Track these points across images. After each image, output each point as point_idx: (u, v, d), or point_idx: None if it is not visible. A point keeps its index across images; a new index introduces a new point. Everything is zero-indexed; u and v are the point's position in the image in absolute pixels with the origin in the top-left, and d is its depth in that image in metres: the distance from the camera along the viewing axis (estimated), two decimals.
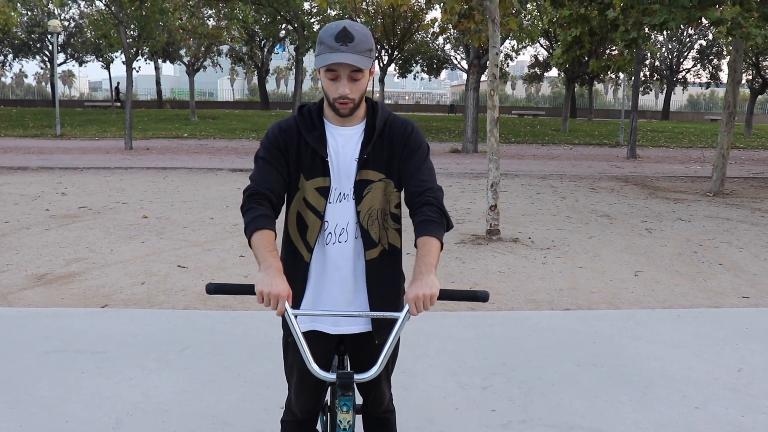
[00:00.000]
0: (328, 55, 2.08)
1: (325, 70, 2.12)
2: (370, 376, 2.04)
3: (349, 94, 2.13)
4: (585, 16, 12.80)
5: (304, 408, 2.46)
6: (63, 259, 6.84)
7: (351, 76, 2.12)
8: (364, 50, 2.10)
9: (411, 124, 2.31)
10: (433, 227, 2.12)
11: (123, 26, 19.80)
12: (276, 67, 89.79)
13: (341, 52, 2.07)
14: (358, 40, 2.09)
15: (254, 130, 29.37)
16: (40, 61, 50.50)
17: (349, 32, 2.08)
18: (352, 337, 2.39)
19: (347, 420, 2.12)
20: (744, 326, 5.12)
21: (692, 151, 25.29)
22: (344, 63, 2.07)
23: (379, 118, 2.27)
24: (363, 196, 2.25)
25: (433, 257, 2.06)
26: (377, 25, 37.25)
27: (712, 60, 47.41)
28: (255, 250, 2.06)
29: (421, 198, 2.19)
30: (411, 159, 2.26)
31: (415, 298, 1.96)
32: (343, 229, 2.27)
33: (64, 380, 3.92)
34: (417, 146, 2.28)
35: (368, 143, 2.24)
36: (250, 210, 2.14)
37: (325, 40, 2.09)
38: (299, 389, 2.43)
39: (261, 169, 2.23)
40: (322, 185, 2.25)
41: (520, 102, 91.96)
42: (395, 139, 2.27)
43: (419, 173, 2.24)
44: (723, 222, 9.77)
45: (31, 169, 14.65)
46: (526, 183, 14.18)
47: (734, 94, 12.72)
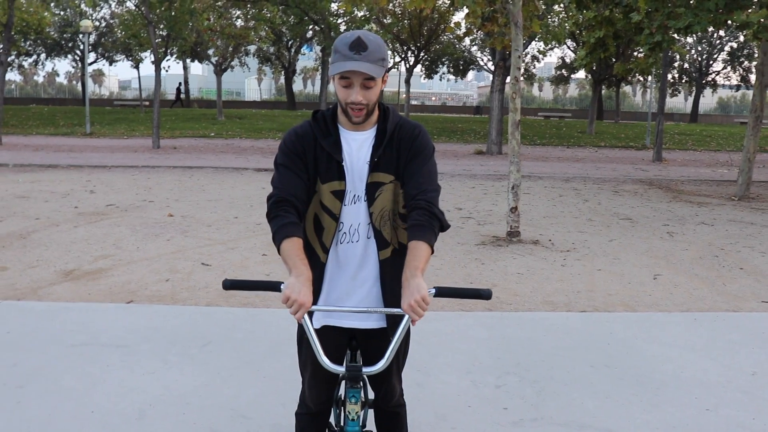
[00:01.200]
0: (342, 63, 2.17)
1: (339, 78, 2.21)
2: (377, 370, 2.14)
3: (362, 101, 2.22)
4: (609, 19, 12.77)
5: (317, 401, 2.55)
6: (90, 256, 7.03)
7: (364, 83, 2.20)
8: (377, 59, 2.19)
9: (419, 127, 2.39)
10: (420, 231, 2.20)
11: (152, 26, 20.12)
12: (303, 67, 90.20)
13: (355, 60, 2.15)
14: (372, 50, 2.17)
15: (280, 130, 29.60)
16: (72, 60, 51.36)
17: (363, 42, 2.16)
18: (363, 333, 2.48)
19: (355, 411, 2.22)
20: (761, 330, 5.12)
21: (720, 155, 25.01)
22: (357, 71, 2.16)
23: (390, 122, 2.35)
24: (375, 197, 2.34)
25: (419, 261, 2.14)
26: (404, 27, 37.34)
27: (743, 62, 46.78)
28: (286, 257, 2.16)
29: (414, 202, 2.27)
30: (413, 162, 2.33)
31: (408, 307, 2.06)
32: (356, 230, 2.37)
33: (90, 372, 4.06)
34: (421, 149, 2.35)
35: (379, 147, 2.33)
36: (277, 217, 2.24)
37: (340, 49, 2.18)
38: (312, 383, 2.53)
39: (283, 175, 2.32)
40: (337, 188, 2.34)
41: (547, 103, 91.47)
42: (403, 141, 2.35)
43: (417, 176, 2.31)
44: (747, 226, 9.71)
45: (61, 167, 14.96)
46: (549, 185, 14.17)
47: (761, 97, 12.60)
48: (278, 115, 41.33)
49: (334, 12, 26.28)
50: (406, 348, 2.61)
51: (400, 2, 35.02)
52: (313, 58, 46.35)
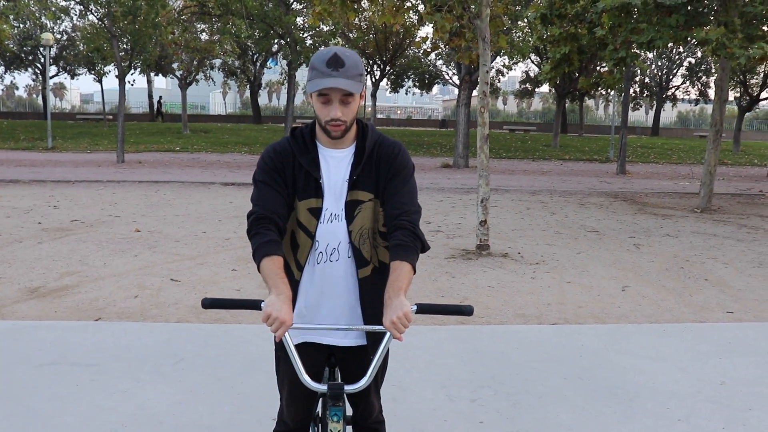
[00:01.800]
0: (320, 80, 2.16)
1: (317, 95, 2.20)
2: (359, 387, 2.14)
3: (341, 117, 2.21)
4: (574, 35, 12.99)
5: (295, 418, 2.53)
6: (56, 273, 6.89)
7: (342, 99, 2.20)
8: (354, 75, 2.18)
9: (399, 145, 2.39)
10: (404, 252, 2.20)
11: (116, 40, 19.89)
12: (268, 81, 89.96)
13: (332, 77, 2.15)
14: (349, 66, 2.17)
15: (246, 143, 29.45)
16: (32, 74, 50.46)
17: (340, 58, 2.16)
18: (342, 350, 2.47)
19: (337, 429, 2.21)
20: (727, 341, 5.22)
21: (681, 168, 25.54)
22: (336, 87, 2.16)
23: (369, 140, 2.35)
24: (354, 216, 2.33)
25: (402, 281, 2.14)
26: (370, 41, 37.51)
27: (701, 77, 47.90)
28: (266, 275, 2.14)
29: (396, 221, 2.27)
30: (393, 180, 2.33)
31: (390, 324, 2.06)
32: (334, 248, 2.34)
33: (59, 392, 3.97)
34: (401, 168, 2.35)
35: (358, 165, 2.32)
36: (257, 235, 2.21)
37: (317, 66, 2.17)
38: (290, 400, 2.51)
39: (263, 192, 2.29)
40: (314, 206, 2.32)
41: (512, 117, 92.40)
42: (383, 160, 2.35)
43: (399, 195, 2.31)
44: (710, 238, 9.91)
45: (23, 182, 14.67)
46: (516, 198, 14.31)
47: (721, 112, 12.91)
48: (244, 128, 41.13)
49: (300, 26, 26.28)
50: (384, 365, 2.61)
51: (366, 17, 35.21)
52: (278, 72, 46.19)
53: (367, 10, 32.60)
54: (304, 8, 27.75)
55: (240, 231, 9.41)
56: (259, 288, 6.48)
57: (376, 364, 2.14)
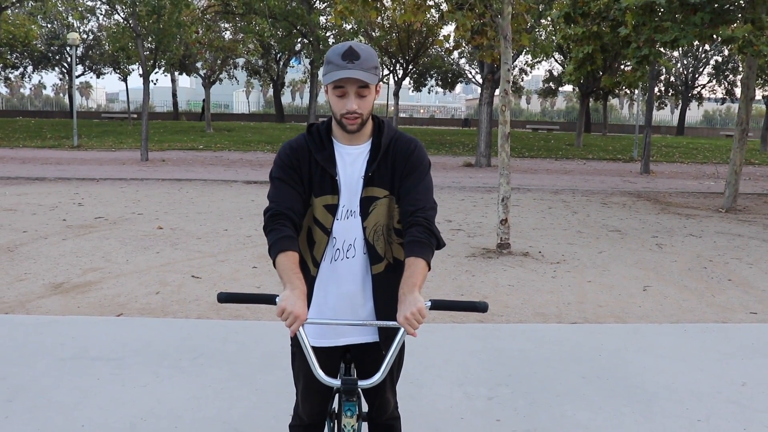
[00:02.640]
0: (335, 72, 2.17)
1: (333, 87, 2.20)
2: (373, 383, 2.14)
3: (357, 110, 2.22)
4: (597, 33, 12.88)
5: (311, 413, 2.55)
6: (79, 269, 6.98)
7: (358, 92, 2.20)
8: (369, 67, 2.18)
9: (415, 142, 2.39)
10: (420, 248, 2.19)
11: (140, 39, 20.10)
12: (291, 80, 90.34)
13: (348, 69, 2.15)
14: (364, 58, 2.17)
15: (269, 142, 29.60)
16: (59, 73, 51.21)
17: (355, 51, 2.17)
18: (357, 347, 2.48)
19: (351, 425, 2.22)
20: (750, 341, 5.16)
21: (706, 167, 25.21)
22: (351, 78, 2.16)
23: (384, 136, 2.35)
24: (369, 212, 2.34)
25: (417, 278, 2.14)
26: (392, 39, 37.50)
27: (728, 76, 47.29)
28: (281, 271, 2.15)
29: (412, 218, 2.26)
30: (409, 177, 2.32)
31: (404, 320, 2.05)
32: (350, 245, 2.35)
33: (80, 386, 4.03)
34: (417, 164, 2.34)
35: (374, 161, 2.32)
36: (273, 231, 2.22)
37: (332, 59, 2.18)
38: (306, 395, 2.52)
39: (279, 188, 2.30)
40: (330, 203, 2.33)
41: (535, 116, 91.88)
42: (399, 156, 2.35)
43: (414, 192, 2.30)
44: (734, 238, 9.78)
45: (49, 179, 14.88)
46: (538, 197, 14.23)
47: (747, 110, 12.73)
48: (267, 127, 41.33)
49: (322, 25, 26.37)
50: (400, 361, 2.61)
51: (388, 15, 35.20)
52: (301, 71, 46.41)
53: (389, 8, 32.63)
54: (326, 7, 27.83)
55: (261, 229, 9.45)
56: (279, 285, 6.52)
57: (390, 360, 2.14)
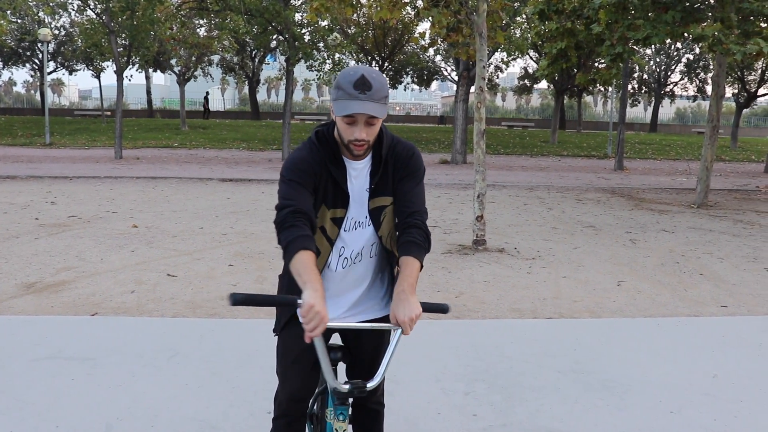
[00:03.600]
0: (347, 102, 2.18)
1: (343, 116, 2.23)
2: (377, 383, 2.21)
3: (365, 138, 2.26)
4: (571, 30, 13.00)
5: (297, 388, 2.53)
6: (53, 268, 6.90)
7: (368, 121, 2.24)
8: (381, 98, 2.21)
9: (412, 148, 2.47)
10: (416, 249, 2.30)
11: (114, 35, 19.87)
12: (267, 77, 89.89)
13: (360, 101, 2.17)
14: (376, 89, 2.19)
15: (244, 140, 29.45)
16: (30, 69, 50.40)
17: (368, 80, 2.18)
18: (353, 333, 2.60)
19: (343, 429, 2.23)
20: (720, 334, 5.25)
21: (678, 164, 25.56)
22: (363, 113, 2.18)
23: (384, 147, 2.40)
24: (381, 221, 2.43)
25: (414, 278, 2.24)
26: (368, 37, 37.48)
27: (699, 74, 47.90)
28: (301, 269, 2.11)
29: (410, 219, 2.36)
30: (406, 181, 2.42)
31: (406, 321, 2.15)
32: (358, 253, 2.45)
33: (54, 386, 3.99)
34: (415, 169, 2.44)
35: (376, 174, 2.40)
36: (293, 227, 2.20)
37: (344, 87, 2.19)
38: (293, 371, 2.52)
39: (296, 189, 2.29)
40: (339, 216, 2.40)
41: (510, 113, 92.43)
42: (398, 162, 2.43)
43: (411, 195, 2.40)
44: (706, 233, 9.94)
45: (20, 178, 14.68)
46: (513, 194, 14.33)
47: (717, 108, 12.93)
48: (242, 125, 41.10)
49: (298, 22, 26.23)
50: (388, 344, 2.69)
51: (364, 12, 35.19)
52: (277, 68, 46.13)
53: (365, 5, 32.60)
54: (302, 4, 27.71)
55: (237, 226, 9.42)
56: (255, 283, 6.50)
57: (389, 359, 2.23)
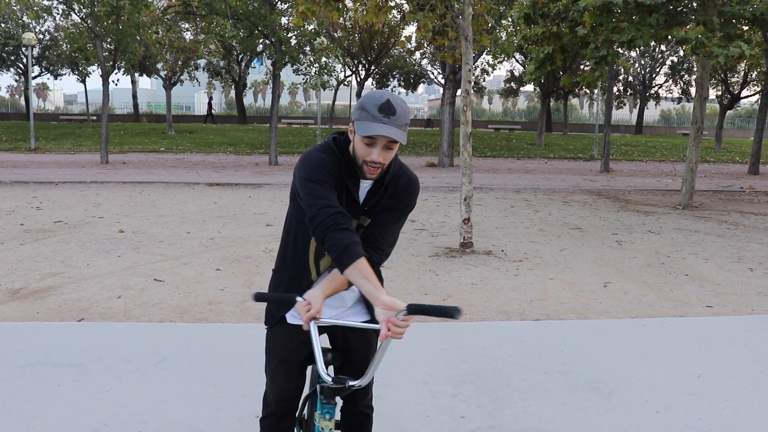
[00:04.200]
0: (370, 124, 2.21)
1: (363, 137, 2.25)
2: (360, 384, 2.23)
3: (381, 161, 2.29)
4: (557, 34, 13.07)
5: (284, 387, 2.55)
6: (38, 274, 6.86)
7: (387, 145, 2.27)
8: (403, 124, 2.25)
9: (415, 184, 2.50)
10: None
11: (99, 40, 19.77)
12: (253, 81, 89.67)
13: (384, 124, 2.21)
14: (399, 114, 2.23)
15: (231, 144, 29.37)
16: (14, 74, 50.01)
17: (393, 105, 2.22)
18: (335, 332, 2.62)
19: (329, 427, 2.24)
20: (706, 334, 5.30)
21: (664, 165, 25.74)
22: (386, 136, 2.21)
23: (389, 174, 2.43)
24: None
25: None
26: (354, 40, 37.51)
27: (683, 76, 48.26)
28: (368, 274, 2.20)
29: (375, 254, 2.43)
30: (389, 212, 2.47)
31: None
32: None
33: (41, 392, 3.97)
34: (404, 206, 2.48)
35: (373, 197, 2.44)
36: (346, 230, 2.24)
37: (369, 109, 2.22)
38: (280, 371, 2.55)
39: (328, 189, 2.31)
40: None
41: (497, 116, 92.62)
42: (396, 193, 2.47)
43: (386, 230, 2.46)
44: (691, 234, 10.02)
45: (5, 183, 14.57)
46: (500, 196, 14.39)
47: (701, 110, 13.04)
48: (229, 129, 40.99)
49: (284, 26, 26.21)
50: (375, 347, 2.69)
51: (351, 16, 35.21)
52: (263, 72, 46.06)
53: (351, 9, 32.63)
54: (288, 8, 27.71)
55: (224, 231, 9.40)
56: (243, 287, 6.49)
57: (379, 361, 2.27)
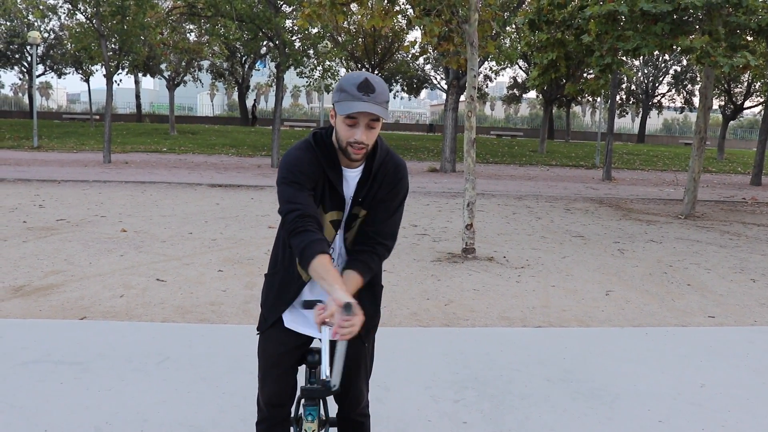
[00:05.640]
0: (350, 103, 2.22)
1: (345, 117, 2.26)
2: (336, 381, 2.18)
3: (365, 141, 2.29)
4: (561, 41, 13.09)
5: (273, 392, 2.56)
6: (41, 271, 6.86)
7: (369, 124, 2.28)
8: (382, 101, 2.26)
9: (403, 170, 2.50)
10: (366, 270, 2.38)
11: (104, 39, 19.80)
12: (256, 83, 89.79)
13: (363, 101, 2.22)
14: (378, 92, 2.24)
15: (233, 145, 29.40)
16: (18, 72, 50.09)
17: (371, 83, 2.24)
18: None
19: (312, 429, 2.24)
20: (708, 344, 5.29)
21: (666, 174, 25.74)
22: (366, 112, 2.22)
23: (376, 161, 2.44)
24: (351, 226, 2.48)
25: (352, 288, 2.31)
26: (358, 45, 37.55)
27: (686, 85, 48.35)
28: (323, 272, 2.19)
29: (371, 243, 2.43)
30: (385, 204, 2.46)
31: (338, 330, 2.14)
32: (339, 254, 2.52)
33: (43, 390, 3.97)
34: (397, 194, 2.48)
35: (363, 186, 2.43)
36: (306, 231, 2.25)
37: (347, 89, 2.24)
38: (269, 375, 2.56)
39: (300, 192, 2.33)
40: (336, 218, 2.44)
41: (499, 122, 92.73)
42: (385, 181, 2.46)
43: (383, 223, 2.45)
44: (693, 244, 10.01)
45: (8, 180, 14.58)
46: (502, 203, 14.39)
47: (705, 119, 13.05)
48: (231, 130, 41.04)
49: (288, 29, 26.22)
50: (372, 352, 2.68)
51: (355, 20, 35.28)
52: (266, 75, 46.08)
53: (356, 13, 32.68)
54: (293, 11, 27.75)
55: (227, 232, 9.40)
56: (245, 289, 6.49)
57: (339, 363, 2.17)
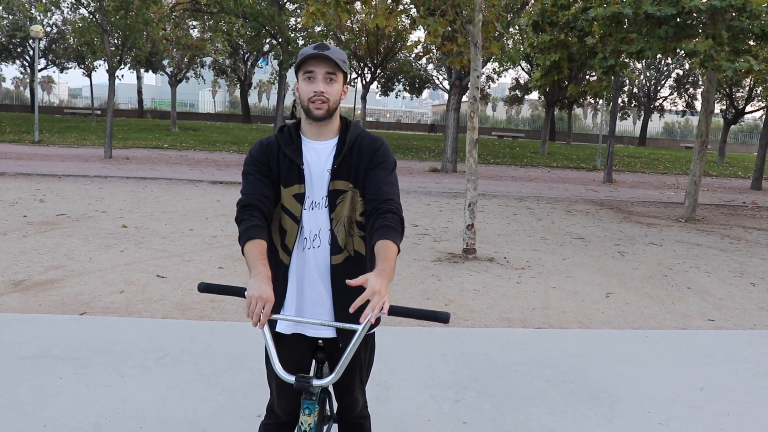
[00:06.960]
0: (306, 57, 2.30)
1: (302, 73, 2.32)
2: (327, 383, 2.15)
3: (324, 93, 2.32)
4: (564, 42, 13.08)
5: (286, 410, 2.56)
6: (41, 266, 6.86)
7: (326, 76, 2.32)
8: (339, 58, 2.33)
9: (380, 140, 2.48)
10: (393, 233, 2.23)
11: (107, 34, 19.79)
12: (258, 81, 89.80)
13: (318, 52, 2.29)
14: (334, 50, 2.33)
15: (235, 142, 29.39)
16: (20, 66, 50.07)
17: (326, 44, 2.33)
18: (329, 342, 2.52)
19: (308, 422, 2.23)
20: (708, 347, 5.29)
21: (667, 177, 25.73)
22: (322, 63, 2.29)
23: (350, 133, 2.45)
24: (336, 204, 2.42)
25: (393, 261, 2.14)
26: (361, 44, 37.55)
27: (688, 89, 48.32)
28: (247, 259, 2.22)
29: (384, 205, 2.32)
30: (376, 170, 2.41)
31: (377, 288, 1.98)
32: (315, 235, 2.43)
33: (42, 385, 3.96)
34: (383, 159, 2.43)
35: (339, 155, 2.41)
36: (243, 221, 2.31)
37: (305, 51, 2.33)
38: (280, 393, 2.53)
39: (249, 182, 2.41)
40: (297, 192, 2.41)
41: (500, 123, 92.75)
42: (364, 152, 2.43)
43: (382, 183, 2.38)
44: (693, 247, 10.01)
45: (8, 174, 14.57)
46: (503, 204, 14.38)
47: (707, 123, 13.04)
48: (233, 128, 41.04)
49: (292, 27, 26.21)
50: (370, 360, 2.63)
51: (358, 19, 35.28)
52: (269, 72, 46.09)
53: (360, 12, 32.67)
54: (297, 8, 27.74)
55: (227, 229, 9.40)
56: (245, 286, 6.48)
57: (346, 360, 2.11)
